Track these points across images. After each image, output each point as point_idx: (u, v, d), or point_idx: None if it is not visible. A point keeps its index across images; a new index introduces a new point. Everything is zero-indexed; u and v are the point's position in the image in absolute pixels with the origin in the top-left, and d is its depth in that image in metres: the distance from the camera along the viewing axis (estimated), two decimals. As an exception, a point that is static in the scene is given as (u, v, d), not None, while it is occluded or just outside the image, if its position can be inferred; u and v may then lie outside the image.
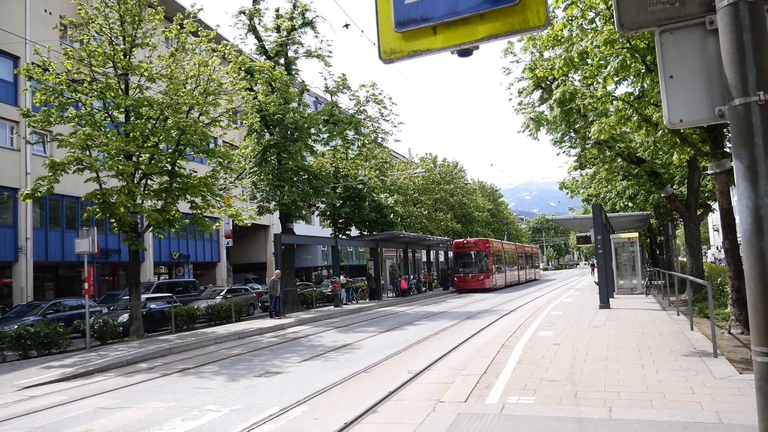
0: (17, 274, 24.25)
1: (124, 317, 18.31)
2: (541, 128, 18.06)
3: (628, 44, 10.35)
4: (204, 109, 18.45)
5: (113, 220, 17.41)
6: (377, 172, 33.76)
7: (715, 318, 9.97)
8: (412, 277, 38.15)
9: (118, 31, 17.33)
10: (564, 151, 21.99)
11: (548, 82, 16.08)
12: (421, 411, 6.55)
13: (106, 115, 17.58)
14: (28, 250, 24.37)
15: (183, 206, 19.45)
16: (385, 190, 34.80)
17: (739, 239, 3.55)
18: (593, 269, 43.96)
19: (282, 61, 26.02)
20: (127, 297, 19.66)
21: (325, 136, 27.42)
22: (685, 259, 22.06)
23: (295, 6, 26.19)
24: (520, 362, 8.89)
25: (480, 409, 6.37)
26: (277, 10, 26.65)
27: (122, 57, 17.27)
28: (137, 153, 17.29)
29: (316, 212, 33.41)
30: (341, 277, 31.05)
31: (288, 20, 25.89)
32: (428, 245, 43.24)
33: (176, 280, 32.51)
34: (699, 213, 19.89)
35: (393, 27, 3.20)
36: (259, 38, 26.20)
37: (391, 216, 34.83)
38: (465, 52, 3.15)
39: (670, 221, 27.63)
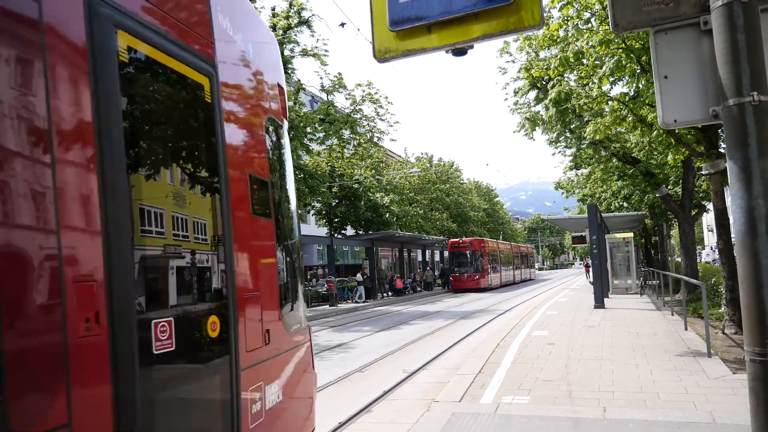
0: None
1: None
2: (537, 128, 18.11)
3: (623, 44, 10.37)
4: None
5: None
6: (373, 171, 33.75)
7: (709, 318, 10.00)
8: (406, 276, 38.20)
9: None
10: (559, 151, 22.05)
11: (544, 82, 16.10)
12: (416, 410, 6.54)
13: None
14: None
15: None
16: (380, 189, 34.78)
17: (733, 240, 3.58)
18: (588, 270, 40.29)
19: (278, 59, 25.96)
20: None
21: (321, 135, 27.36)
22: (679, 259, 22.14)
23: (291, 4, 26.13)
24: (515, 362, 8.90)
25: (475, 408, 6.37)
26: (273, 9, 26.59)
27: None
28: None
29: (312, 211, 33.35)
30: (358, 275, 31.02)
31: (284, 19, 25.83)
32: (424, 245, 43.26)
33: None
34: (693, 213, 19.99)
35: (388, 26, 3.19)
36: (254, 37, 26.13)
37: (387, 215, 34.82)
38: (460, 52, 3.15)
39: (665, 221, 27.73)
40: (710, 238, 69.97)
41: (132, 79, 2.42)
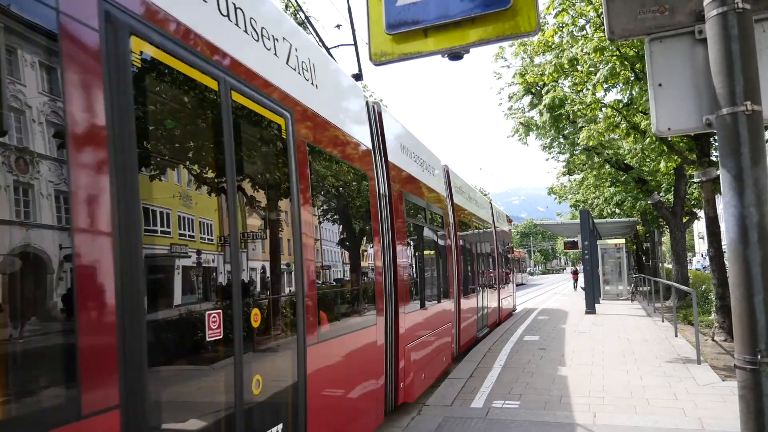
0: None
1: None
2: (531, 133, 18.17)
3: (617, 52, 10.43)
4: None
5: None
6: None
7: (699, 325, 10.05)
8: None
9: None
10: (553, 157, 22.15)
11: (538, 88, 16.16)
12: (407, 414, 6.53)
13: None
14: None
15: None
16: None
17: (724, 247, 3.55)
18: (575, 278, 34.93)
19: (273, 61, 25.90)
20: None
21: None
22: (670, 266, 22.24)
23: (287, 6, 26.14)
24: (506, 366, 8.90)
25: (465, 413, 6.37)
26: (269, 10, 26.57)
27: None
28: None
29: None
30: None
31: (280, 20, 25.81)
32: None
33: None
34: (685, 220, 20.10)
35: (384, 29, 3.20)
36: (250, 37, 26.07)
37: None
38: (455, 56, 3.16)
39: (657, 228, 27.86)
40: (701, 246, 70.32)
41: None
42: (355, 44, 6.78)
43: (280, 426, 3.53)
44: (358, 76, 6.32)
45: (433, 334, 7.68)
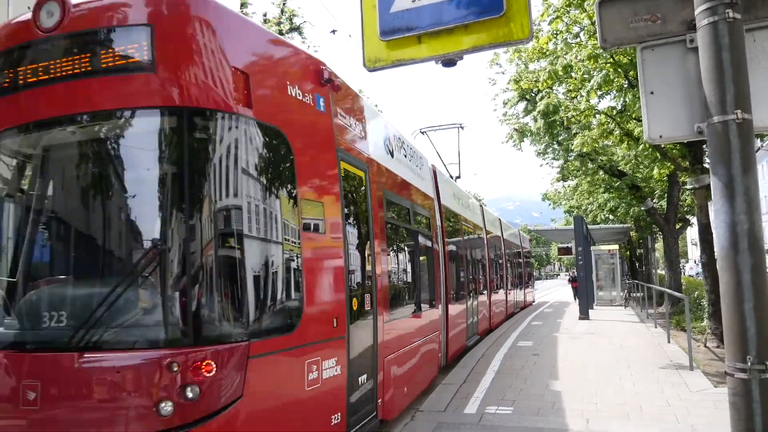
0: None
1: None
2: (525, 139, 18.26)
3: (611, 59, 10.50)
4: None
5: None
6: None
7: (692, 331, 10.07)
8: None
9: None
10: (547, 163, 22.24)
11: (533, 94, 16.24)
12: (400, 420, 6.52)
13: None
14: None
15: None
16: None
17: (716, 254, 3.58)
18: (575, 287, 26.73)
19: (268, 65, 25.88)
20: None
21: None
22: (663, 272, 22.33)
23: (282, 11, 26.15)
24: (500, 372, 8.90)
25: (459, 418, 6.36)
26: (265, 15, 26.57)
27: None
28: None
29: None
30: None
31: (275, 25, 25.81)
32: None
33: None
34: (678, 227, 20.19)
35: (378, 36, 3.21)
36: (245, 42, 26.04)
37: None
38: (449, 62, 3.17)
39: (650, 234, 27.97)
40: (694, 252, 70.59)
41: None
42: (459, 162, 12.88)
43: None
44: (457, 177, 11.50)
45: (498, 306, 15.73)
